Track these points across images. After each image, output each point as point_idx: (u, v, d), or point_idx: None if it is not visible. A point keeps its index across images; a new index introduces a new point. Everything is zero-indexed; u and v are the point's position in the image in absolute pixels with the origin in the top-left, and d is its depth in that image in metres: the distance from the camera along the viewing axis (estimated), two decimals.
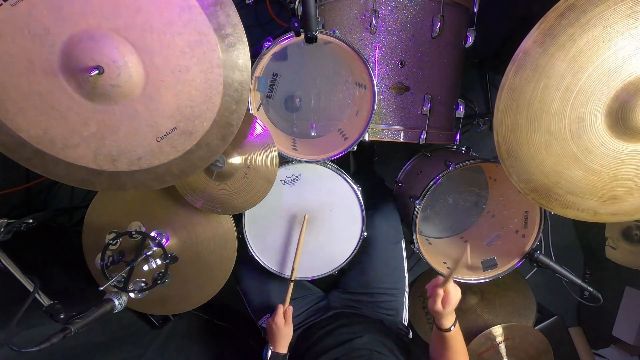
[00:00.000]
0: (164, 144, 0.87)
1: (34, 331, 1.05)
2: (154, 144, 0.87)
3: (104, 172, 0.88)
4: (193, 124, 0.87)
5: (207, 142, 0.90)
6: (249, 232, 1.27)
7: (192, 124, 0.86)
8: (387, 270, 1.35)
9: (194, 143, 0.89)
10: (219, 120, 0.88)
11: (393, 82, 1.24)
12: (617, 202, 1.02)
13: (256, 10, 1.80)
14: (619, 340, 1.91)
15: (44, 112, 0.79)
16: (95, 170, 0.87)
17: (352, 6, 1.21)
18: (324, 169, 1.25)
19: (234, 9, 0.80)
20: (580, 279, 1.32)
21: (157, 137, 0.86)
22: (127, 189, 0.91)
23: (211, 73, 0.83)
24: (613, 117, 0.91)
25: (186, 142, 0.88)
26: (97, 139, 0.84)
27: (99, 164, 0.86)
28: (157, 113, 0.84)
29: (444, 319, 1.00)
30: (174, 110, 0.84)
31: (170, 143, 0.87)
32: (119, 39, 0.76)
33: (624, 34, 0.84)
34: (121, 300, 0.93)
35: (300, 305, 1.35)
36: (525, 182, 1.03)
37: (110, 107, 0.81)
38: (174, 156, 0.89)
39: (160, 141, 0.87)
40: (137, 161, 0.88)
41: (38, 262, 1.37)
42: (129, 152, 0.86)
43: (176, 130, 0.86)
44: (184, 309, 1.28)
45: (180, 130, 0.87)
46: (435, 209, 1.60)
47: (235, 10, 0.80)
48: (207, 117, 0.87)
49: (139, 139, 0.86)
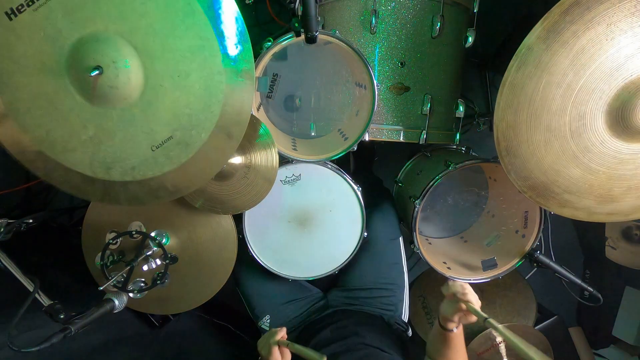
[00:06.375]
0: (158, 153, 0.85)
1: (34, 332, 1.05)
2: (148, 153, 0.85)
3: (98, 180, 0.86)
4: (190, 134, 0.84)
5: (205, 154, 0.86)
6: (249, 232, 1.27)
7: (189, 133, 0.84)
8: (385, 266, 1.36)
9: (190, 155, 0.86)
10: (217, 132, 0.85)
11: (393, 82, 1.24)
12: (614, 202, 1.02)
13: (256, 10, 1.80)
14: (619, 340, 1.91)
15: (48, 112, 0.79)
16: (91, 177, 0.85)
17: (352, 6, 1.21)
18: (324, 169, 1.25)
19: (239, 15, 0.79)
20: (580, 279, 1.32)
21: (152, 146, 0.84)
22: (122, 203, 0.89)
23: (211, 80, 0.81)
24: (613, 116, 0.91)
25: (182, 154, 0.86)
26: (94, 143, 0.83)
27: (94, 171, 0.85)
28: (154, 119, 0.82)
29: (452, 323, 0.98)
30: (170, 118, 0.83)
31: (166, 153, 0.85)
32: (121, 42, 0.77)
33: (627, 32, 0.84)
34: (121, 300, 0.93)
35: (300, 305, 1.35)
36: (523, 179, 1.03)
37: (108, 110, 0.81)
38: (168, 168, 0.86)
39: (155, 150, 0.84)
40: (130, 171, 0.86)
41: (38, 262, 1.37)
42: (123, 161, 0.85)
43: (172, 140, 0.84)
44: (183, 308, 1.28)
45: (177, 140, 0.84)
46: (435, 209, 1.60)
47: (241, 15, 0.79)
48: (205, 127, 0.84)
49: (134, 147, 0.84)
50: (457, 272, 1.37)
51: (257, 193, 1.12)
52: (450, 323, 0.97)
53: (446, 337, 1.00)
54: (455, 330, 0.99)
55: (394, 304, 1.33)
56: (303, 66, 1.37)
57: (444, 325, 0.99)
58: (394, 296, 1.33)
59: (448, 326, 0.98)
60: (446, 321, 0.98)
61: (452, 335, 0.99)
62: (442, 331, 1.00)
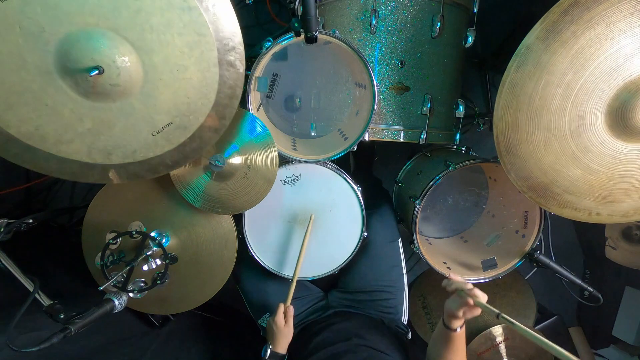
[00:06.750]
0: (159, 137, 0.89)
1: (34, 332, 1.05)
2: (149, 138, 0.88)
3: (97, 165, 0.89)
4: (188, 119, 0.88)
5: (200, 134, 0.91)
6: (249, 232, 1.27)
7: (187, 119, 0.88)
8: (384, 268, 1.35)
9: (187, 136, 0.91)
10: (213, 114, 0.89)
11: (393, 82, 1.24)
12: (614, 203, 1.02)
13: (256, 10, 1.80)
14: (619, 340, 1.91)
15: (36, 109, 0.79)
16: (89, 164, 0.88)
17: (352, 6, 1.21)
18: (324, 169, 1.25)
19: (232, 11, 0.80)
20: (580, 279, 1.32)
21: (153, 132, 0.88)
22: (122, 180, 0.92)
23: (208, 72, 0.84)
24: (613, 116, 0.91)
25: (181, 136, 0.90)
26: (92, 134, 0.84)
27: (93, 158, 0.88)
28: (154, 110, 0.85)
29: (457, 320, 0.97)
30: (170, 107, 0.86)
31: (166, 137, 0.89)
32: (118, 39, 0.76)
33: (626, 32, 0.84)
34: (121, 300, 0.94)
35: (300, 304, 1.35)
36: (523, 179, 1.03)
37: (107, 105, 0.82)
38: (168, 148, 0.91)
39: (155, 135, 0.88)
40: (132, 154, 0.89)
41: (38, 262, 1.37)
42: (124, 146, 0.88)
43: (172, 125, 0.88)
44: (183, 308, 1.28)
45: (176, 125, 0.88)
46: (435, 209, 1.60)
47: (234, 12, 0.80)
48: (202, 112, 0.88)
49: (135, 134, 0.87)
50: (457, 272, 1.36)
51: (257, 193, 1.12)
52: (455, 320, 0.96)
53: (449, 337, 0.99)
54: (459, 331, 0.98)
55: (394, 307, 1.33)
56: (303, 66, 1.37)
57: (447, 323, 0.98)
58: (394, 299, 1.33)
59: (452, 325, 0.97)
60: (450, 318, 0.97)
61: (455, 335, 0.98)
62: (445, 331, 0.99)
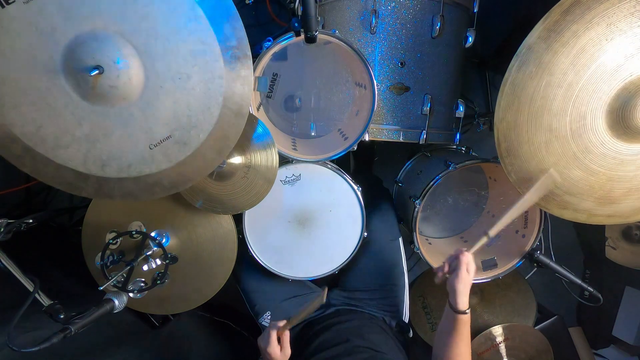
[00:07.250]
0: (156, 152, 0.85)
1: (34, 332, 1.05)
2: (146, 151, 0.84)
3: (91, 176, 0.85)
4: (189, 134, 0.85)
5: (202, 154, 0.87)
6: (249, 232, 1.27)
7: (187, 133, 0.85)
8: (385, 267, 1.36)
9: (187, 154, 0.86)
10: (215, 132, 0.85)
11: (393, 82, 1.24)
12: (614, 204, 1.02)
13: (256, 10, 1.80)
14: (619, 340, 1.91)
15: (39, 108, 0.78)
16: (84, 174, 0.85)
17: (352, 6, 1.21)
18: (324, 169, 1.25)
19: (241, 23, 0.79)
20: (580, 279, 1.32)
21: (150, 144, 0.84)
22: (114, 198, 0.88)
23: (212, 83, 0.82)
24: (613, 116, 0.91)
25: (180, 152, 0.86)
26: (89, 140, 0.82)
27: (88, 168, 0.84)
28: (153, 119, 0.82)
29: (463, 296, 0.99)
30: (170, 118, 0.83)
31: (163, 152, 0.85)
32: (122, 42, 0.76)
33: (627, 32, 0.84)
34: (121, 300, 0.93)
35: (301, 302, 1.35)
36: (524, 181, 1.03)
37: (106, 109, 0.81)
38: (165, 166, 0.87)
39: (153, 149, 0.84)
40: (126, 168, 0.85)
41: (38, 262, 1.37)
42: (119, 158, 0.84)
43: (170, 139, 0.84)
44: (183, 308, 1.28)
45: (175, 139, 0.85)
46: (435, 209, 1.60)
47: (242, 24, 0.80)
48: (203, 128, 0.85)
49: (132, 145, 0.84)
50: None
51: (257, 193, 1.12)
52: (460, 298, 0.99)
53: (456, 321, 1.00)
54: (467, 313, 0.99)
55: (395, 305, 1.33)
56: (303, 66, 1.37)
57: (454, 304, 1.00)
58: (395, 297, 1.33)
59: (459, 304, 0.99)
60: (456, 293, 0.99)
61: (462, 319, 0.99)
62: (451, 315, 1.00)
